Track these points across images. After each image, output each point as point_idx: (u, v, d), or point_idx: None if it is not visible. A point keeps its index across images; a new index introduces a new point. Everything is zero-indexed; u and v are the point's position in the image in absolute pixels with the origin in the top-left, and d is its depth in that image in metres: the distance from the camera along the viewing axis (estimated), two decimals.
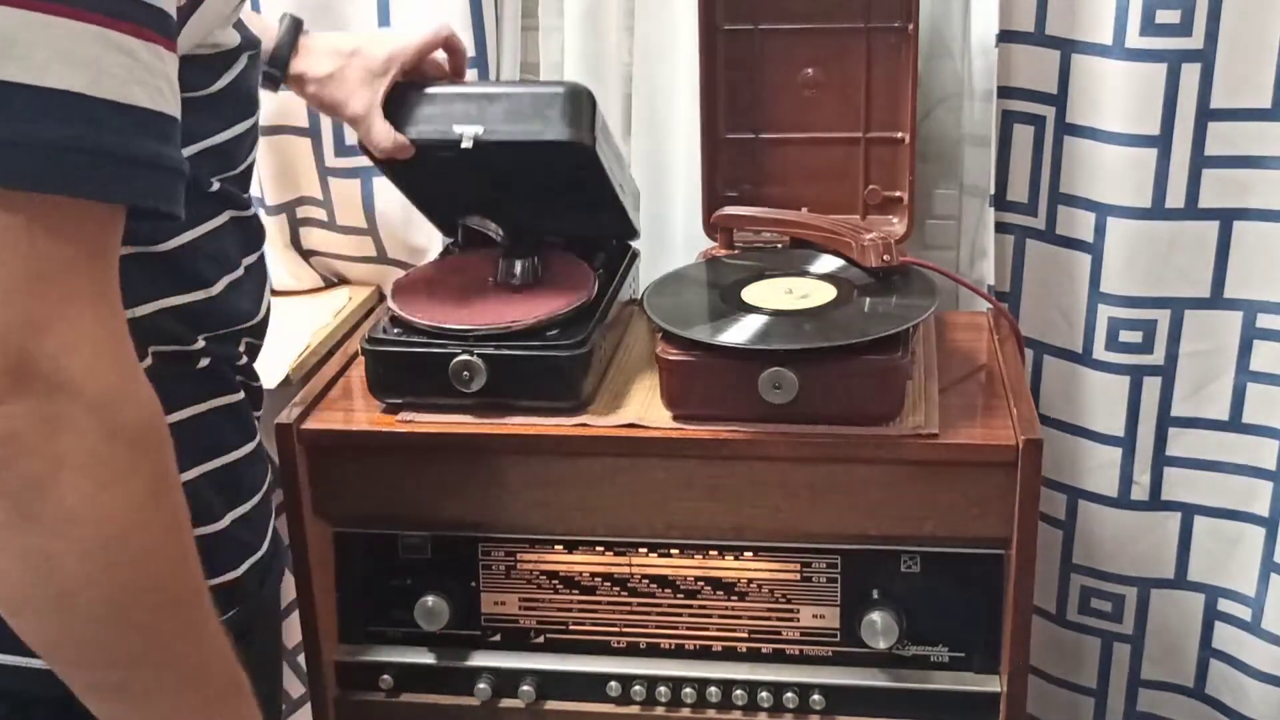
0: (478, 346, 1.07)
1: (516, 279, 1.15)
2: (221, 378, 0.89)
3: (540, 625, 1.15)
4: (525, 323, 1.09)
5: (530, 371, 1.08)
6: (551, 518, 1.11)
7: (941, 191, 1.41)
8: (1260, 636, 1.32)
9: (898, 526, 1.07)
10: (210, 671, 0.69)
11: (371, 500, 1.12)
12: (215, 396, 0.88)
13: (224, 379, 0.89)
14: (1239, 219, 1.23)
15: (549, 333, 1.09)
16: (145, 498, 0.63)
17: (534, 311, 1.10)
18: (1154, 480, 1.33)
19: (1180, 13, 1.17)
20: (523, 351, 1.07)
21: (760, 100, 1.29)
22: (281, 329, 1.31)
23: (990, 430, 1.05)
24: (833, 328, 1.06)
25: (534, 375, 1.08)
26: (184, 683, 0.68)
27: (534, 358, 1.07)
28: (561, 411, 1.08)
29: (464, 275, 1.19)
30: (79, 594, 0.62)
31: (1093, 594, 1.40)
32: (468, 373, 1.07)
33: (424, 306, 1.12)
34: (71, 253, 0.61)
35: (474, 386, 1.07)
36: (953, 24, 1.35)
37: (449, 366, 1.07)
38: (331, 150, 1.42)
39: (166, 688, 0.68)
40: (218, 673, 0.70)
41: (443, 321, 1.10)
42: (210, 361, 0.87)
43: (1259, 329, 1.26)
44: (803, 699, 1.11)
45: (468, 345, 1.07)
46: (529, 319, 1.09)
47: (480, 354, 1.07)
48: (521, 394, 1.09)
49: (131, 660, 0.66)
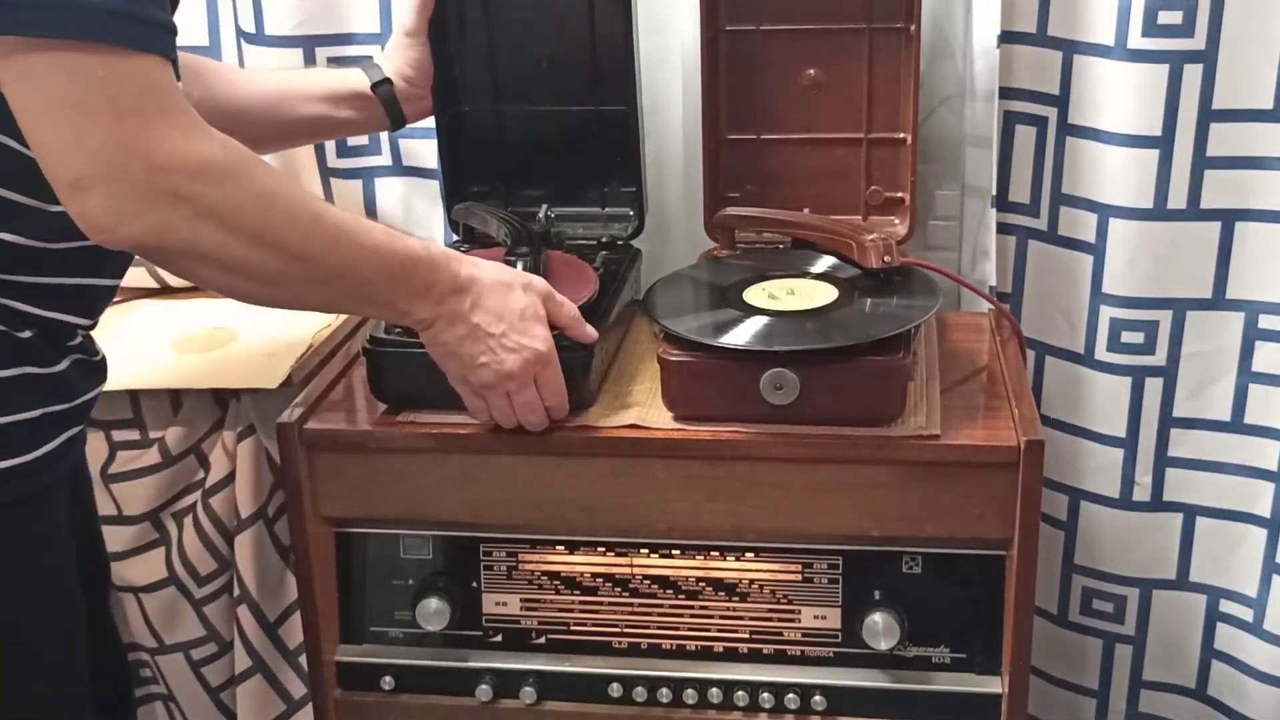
0: None
1: None
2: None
3: (541, 626, 1.15)
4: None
5: None
6: (553, 518, 1.11)
7: (943, 192, 1.41)
8: (1262, 638, 1.32)
9: (899, 527, 1.07)
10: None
11: (373, 501, 1.12)
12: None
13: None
14: (1241, 220, 1.23)
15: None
16: (262, 210, 0.84)
17: None
18: (1156, 481, 1.33)
19: (1182, 14, 1.17)
20: None
21: (762, 101, 1.29)
22: (283, 329, 1.31)
23: (992, 431, 1.05)
24: (834, 328, 1.06)
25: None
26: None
27: None
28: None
29: None
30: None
31: (1094, 595, 1.40)
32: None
33: None
34: (137, 86, 0.78)
35: None
36: (955, 25, 1.35)
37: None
38: (333, 151, 1.43)
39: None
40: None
41: None
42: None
43: (1261, 330, 1.25)
44: (804, 700, 1.11)
45: None
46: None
47: None
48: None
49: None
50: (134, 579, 1.36)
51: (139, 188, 0.78)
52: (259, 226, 0.84)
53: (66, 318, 0.94)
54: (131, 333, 1.36)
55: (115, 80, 0.77)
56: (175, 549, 1.35)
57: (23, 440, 0.90)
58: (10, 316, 0.89)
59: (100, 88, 0.77)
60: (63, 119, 0.77)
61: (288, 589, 1.36)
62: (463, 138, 1.29)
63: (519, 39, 1.27)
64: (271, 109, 1.21)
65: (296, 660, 1.37)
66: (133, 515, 1.34)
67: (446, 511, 1.12)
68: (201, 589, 1.37)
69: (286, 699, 1.39)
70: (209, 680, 1.42)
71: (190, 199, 0.80)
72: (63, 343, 0.94)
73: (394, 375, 1.10)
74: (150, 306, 1.42)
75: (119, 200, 0.78)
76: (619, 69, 1.24)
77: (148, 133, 0.78)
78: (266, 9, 1.35)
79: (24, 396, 0.90)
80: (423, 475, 1.10)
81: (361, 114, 1.24)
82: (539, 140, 1.30)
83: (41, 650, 0.96)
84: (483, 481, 1.10)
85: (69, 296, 0.93)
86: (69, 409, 0.94)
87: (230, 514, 1.33)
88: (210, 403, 1.32)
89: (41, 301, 0.91)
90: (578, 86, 1.27)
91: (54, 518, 0.96)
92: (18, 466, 0.90)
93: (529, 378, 1.02)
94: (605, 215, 1.29)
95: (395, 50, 1.24)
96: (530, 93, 1.28)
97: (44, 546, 0.95)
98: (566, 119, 1.27)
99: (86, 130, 0.77)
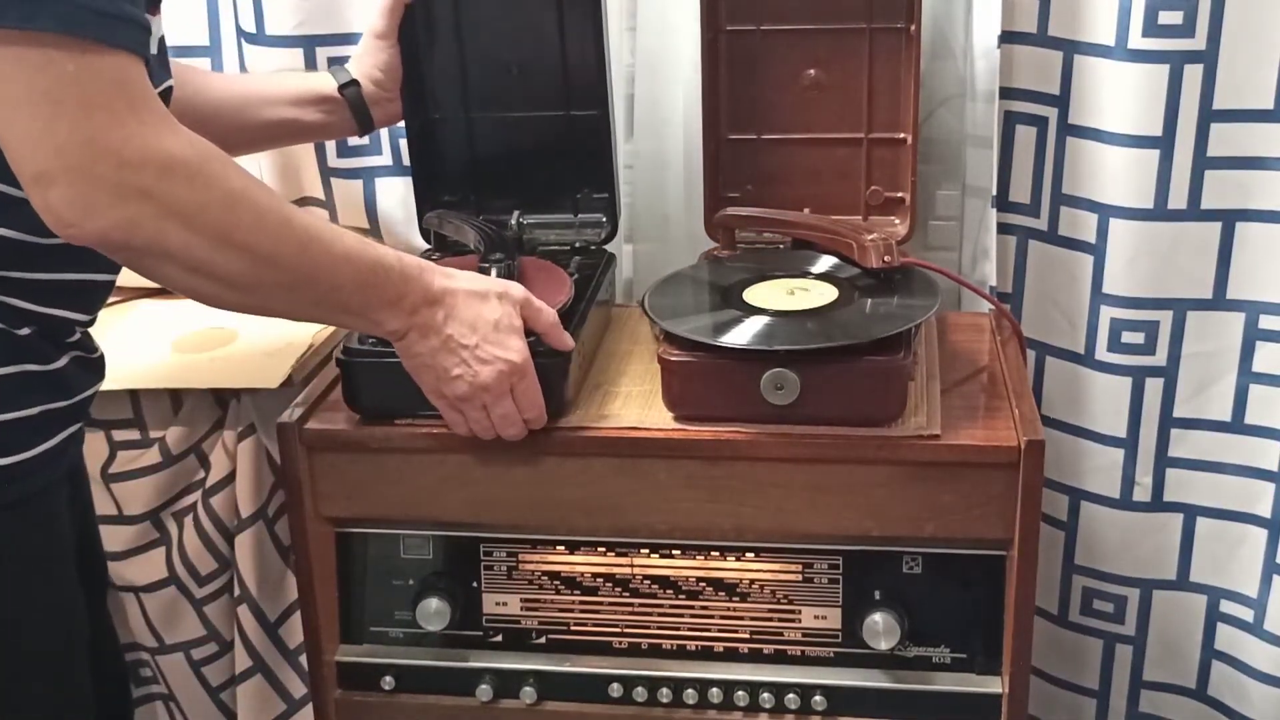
0: None
1: None
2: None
3: (542, 626, 1.15)
4: None
5: None
6: (553, 518, 1.11)
7: (943, 192, 1.41)
8: (1262, 638, 1.32)
9: (899, 527, 1.07)
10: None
11: (373, 500, 1.12)
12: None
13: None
14: (1241, 220, 1.23)
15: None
16: (229, 210, 0.84)
17: None
18: (1156, 481, 1.33)
19: (1183, 14, 1.17)
20: None
21: (762, 101, 1.29)
22: (283, 329, 1.31)
23: (992, 431, 1.05)
24: (834, 328, 1.06)
25: None
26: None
27: None
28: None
29: None
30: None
31: (1095, 595, 1.40)
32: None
33: None
34: (107, 81, 0.78)
35: None
36: (955, 25, 1.35)
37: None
38: (333, 151, 1.43)
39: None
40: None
41: None
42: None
43: (1261, 330, 1.25)
44: (804, 700, 1.11)
45: None
46: None
47: None
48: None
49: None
50: (134, 579, 1.36)
51: (106, 183, 0.78)
52: (225, 227, 0.83)
53: (65, 314, 0.94)
54: (132, 332, 1.36)
55: (86, 75, 0.76)
56: (175, 549, 1.36)
57: (22, 438, 0.90)
58: (9, 314, 0.89)
59: (70, 82, 0.76)
60: (31, 112, 0.76)
61: (288, 589, 1.36)
62: (433, 146, 1.29)
63: (489, 46, 1.26)
64: (237, 112, 1.20)
65: (297, 660, 1.37)
66: (133, 515, 1.34)
67: (447, 511, 1.12)
68: (202, 589, 1.37)
69: (287, 699, 1.40)
70: (209, 680, 1.42)
71: (158, 196, 0.80)
72: (62, 339, 0.94)
73: (369, 386, 1.09)
74: (150, 306, 1.42)
75: (85, 195, 0.77)
76: (590, 74, 1.23)
77: (117, 128, 0.78)
78: (267, 9, 1.35)
79: (23, 394, 0.90)
80: (423, 475, 1.10)
81: (330, 117, 1.23)
82: (510, 147, 1.29)
83: (43, 651, 0.96)
84: (483, 481, 1.10)
85: (66, 292, 0.93)
86: (68, 406, 0.94)
87: (230, 514, 1.33)
88: (211, 402, 1.32)
89: (39, 298, 0.91)
90: (549, 92, 1.26)
91: (54, 517, 0.96)
92: (18, 464, 0.90)
93: (505, 389, 1.01)
94: (578, 222, 1.29)
95: (364, 53, 1.24)
96: (501, 100, 1.27)
97: (44, 546, 0.95)
98: (538, 125, 1.26)
99: (54, 124, 0.76)
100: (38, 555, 0.94)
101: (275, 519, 1.33)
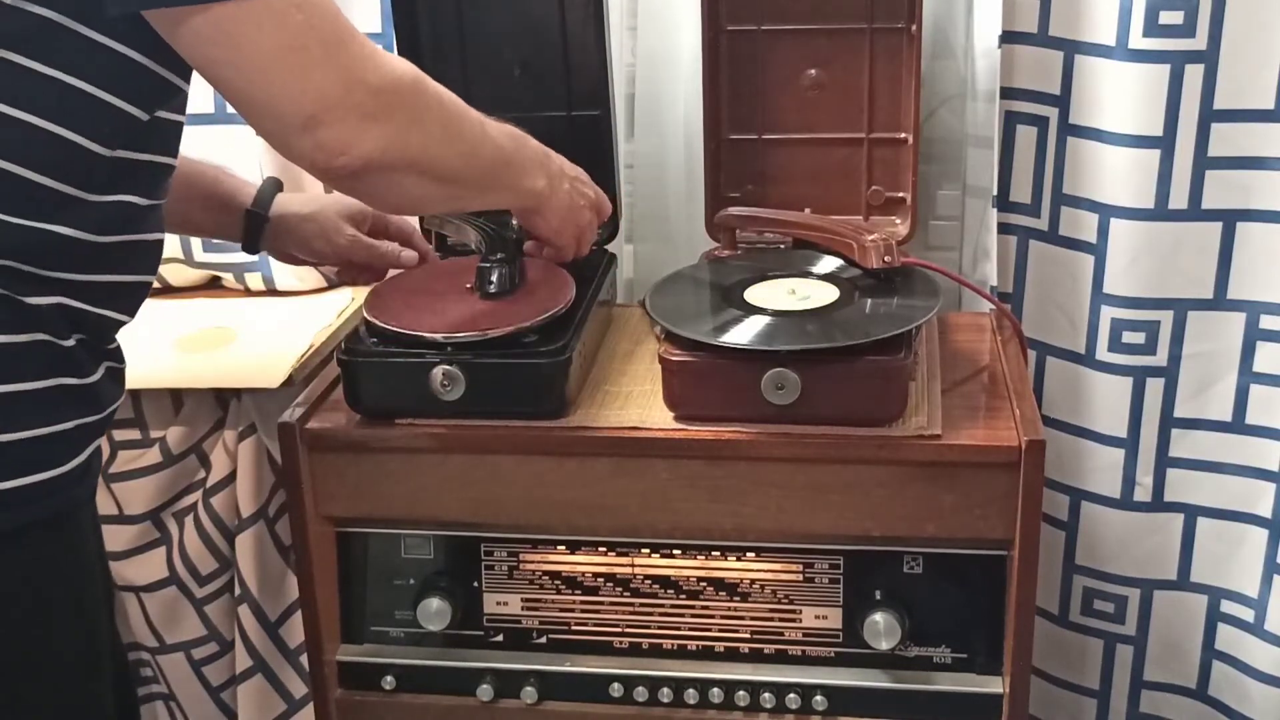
0: (456, 355, 1.06)
1: (494, 286, 1.13)
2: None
3: (543, 626, 1.15)
4: (503, 330, 1.07)
5: (509, 379, 1.07)
6: (554, 518, 1.11)
7: (944, 192, 1.41)
8: (1263, 638, 1.32)
9: (900, 527, 1.07)
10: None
11: (374, 500, 1.12)
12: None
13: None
14: (1242, 220, 1.23)
15: (527, 340, 1.07)
16: (443, 108, 0.92)
17: (512, 319, 1.08)
18: (1157, 481, 1.33)
19: (1183, 14, 1.17)
20: (501, 359, 1.06)
21: (763, 101, 1.29)
22: (284, 329, 1.31)
23: (993, 431, 1.05)
24: (835, 329, 1.06)
25: (513, 383, 1.07)
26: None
27: (513, 365, 1.06)
28: (542, 419, 1.08)
29: (441, 284, 1.18)
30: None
31: (1095, 595, 1.40)
32: (446, 382, 1.06)
33: (401, 315, 1.10)
34: (330, 19, 0.82)
35: (452, 395, 1.06)
36: (956, 25, 1.35)
37: (428, 376, 1.06)
38: None
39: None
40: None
41: (420, 330, 1.08)
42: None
43: (1262, 330, 1.25)
44: (805, 700, 1.11)
45: (445, 354, 1.06)
46: (507, 326, 1.08)
47: (459, 362, 1.05)
48: (501, 402, 1.07)
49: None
50: (135, 578, 1.36)
51: (365, 109, 0.84)
52: (447, 124, 0.92)
53: (114, 315, 0.93)
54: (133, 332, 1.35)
55: (314, 19, 0.81)
56: (176, 548, 1.36)
57: (57, 453, 0.89)
58: (59, 321, 0.88)
59: (306, 29, 0.81)
60: (284, 65, 0.81)
61: (289, 588, 1.36)
62: None
63: (492, 46, 1.27)
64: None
65: (297, 660, 1.37)
66: (134, 515, 1.34)
67: (448, 511, 1.12)
68: (202, 588, 1.37)
69: (287, 698, 1.40)
70: (210, 680, 1.42)
71: (404, 109, 0.87)
72: (103, 346, 0.93)
73: (369, 384, 1.09)
74: (151, 306, 1.41)
75: (353, 126, 0.83)
76: (592, 73, 1.24)
77: (355, 59, 0.83)
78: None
79: (60, 408, 0.89)
80: (424, 475, 1.10)
81: (225, 220, 1.18)
82: None
83: (71, 670, 0.94)
84: (484, 481, 1.10)
85: (116, 294, 0.93)
86: (99, 420, 0.93)
87: (231, 513, 1.33)
88: (211, 402, 1.32)
89: (93, 298, 0.90)
90: (551, 92, 1.27)
91: (84, 536, 0.95)
92: (54, 479, 0.88)
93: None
94: None
95: (325, 219, 1.21)
96: (503, 100, 1.27)
97: (75, 565, 0.94)
98: (540, 125, 1.26)
99: (308, 71, 0.81)
100: (70, 575, 0.93)
101: (276, 519, 1.33)
